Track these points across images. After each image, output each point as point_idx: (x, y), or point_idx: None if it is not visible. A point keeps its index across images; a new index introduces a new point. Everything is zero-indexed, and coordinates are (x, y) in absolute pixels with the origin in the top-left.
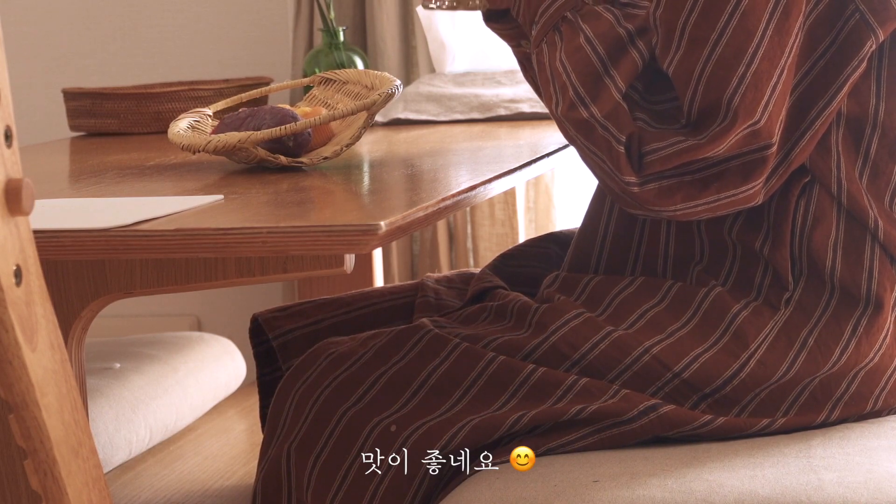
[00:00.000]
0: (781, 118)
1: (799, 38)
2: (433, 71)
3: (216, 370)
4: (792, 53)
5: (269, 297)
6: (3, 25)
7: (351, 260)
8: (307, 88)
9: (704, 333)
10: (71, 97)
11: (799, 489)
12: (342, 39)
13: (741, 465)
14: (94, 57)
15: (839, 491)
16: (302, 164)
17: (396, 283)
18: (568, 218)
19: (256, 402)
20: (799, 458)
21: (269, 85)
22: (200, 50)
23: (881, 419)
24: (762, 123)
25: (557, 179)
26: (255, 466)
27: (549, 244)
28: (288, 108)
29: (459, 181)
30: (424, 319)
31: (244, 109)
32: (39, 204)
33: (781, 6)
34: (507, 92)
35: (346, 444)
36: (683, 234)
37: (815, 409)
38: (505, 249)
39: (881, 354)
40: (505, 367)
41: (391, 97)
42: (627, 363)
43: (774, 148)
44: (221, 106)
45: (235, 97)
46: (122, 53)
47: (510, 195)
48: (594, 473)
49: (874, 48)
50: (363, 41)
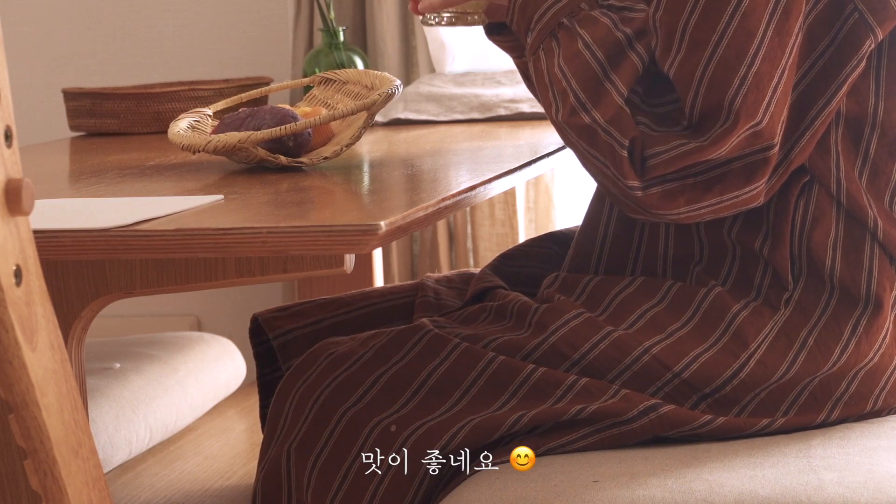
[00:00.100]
0: (783, 119)
1: (799, 38)
2: (433, 71)
3: (216, 370)
4: (792, 54)
5: (269, 297)
6: (3, 25)
7: (351, 260)
8: (307, 88)
9: (704, 333)
10: (71, 97)
11: (799, 489)
12: (342, 39)
13: (741, 465)
14: (94, 57)
15: (839, 491)
16: (302, 164)
17: (396, 283)
18: (568, 218)
19: (256, 402)
20: (799, 458)
21: (269, 85)
22: (200, 50)
23: (881, 419)
24: (764, 124)
25: (557, 179)
26: (255, 466)
27: (549, 244)
28: (288, 108)
29: (459, 181)
30: (424, 319)
31: (244, 109)
32: (39, 204)
33: (781, 7)
34: (507, 92)
35: (346, 444)
36: (683, 234)
37: (815, 408)
38: (505, 249)
39: (881, 354)
40: (505, 367)
41: (391, 97)
42: (627, 363)
43: (776, 149)
44: (221, 106)
45: (235, 97)
46: (122, 53)
47: (510, 195)
48: (594, 473)
49: (873, 47)
50: (363, 41)
